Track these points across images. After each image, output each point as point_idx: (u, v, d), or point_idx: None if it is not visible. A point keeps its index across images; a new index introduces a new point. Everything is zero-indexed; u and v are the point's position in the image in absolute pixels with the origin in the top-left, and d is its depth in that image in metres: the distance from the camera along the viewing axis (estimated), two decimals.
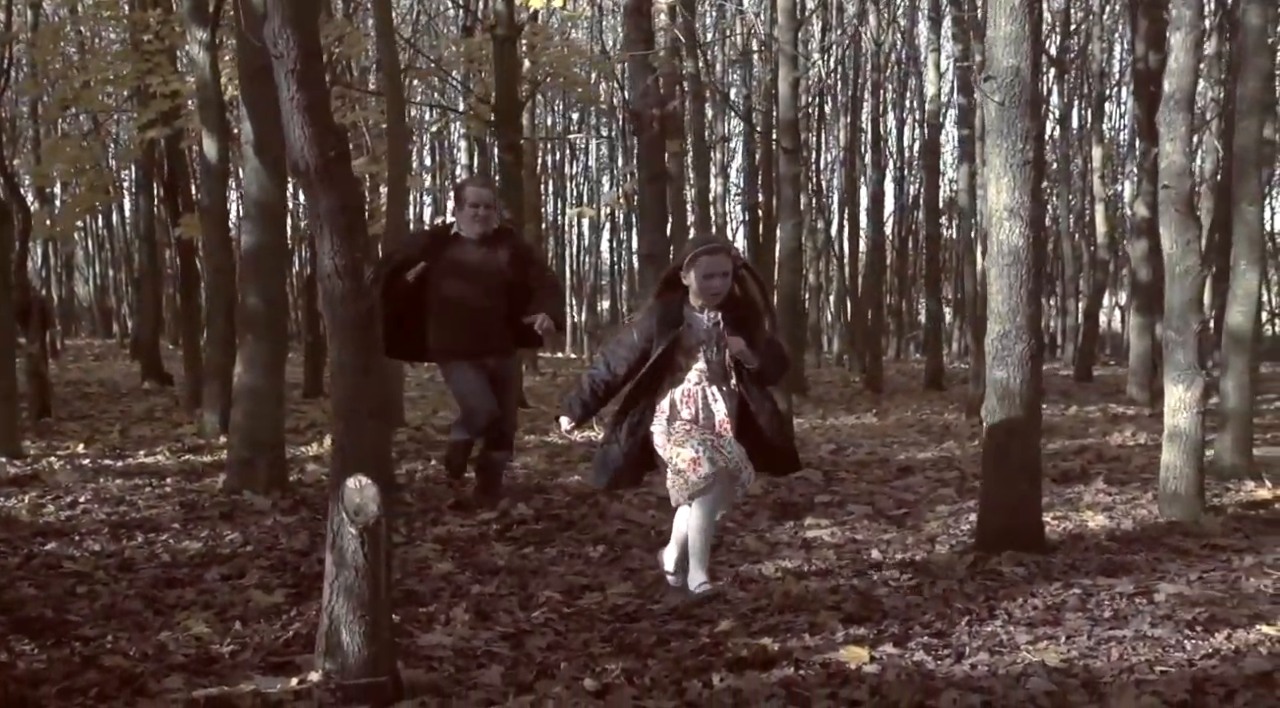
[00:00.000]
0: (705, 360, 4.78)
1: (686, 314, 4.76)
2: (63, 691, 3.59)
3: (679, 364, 4.78)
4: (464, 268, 6.40)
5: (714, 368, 4.80)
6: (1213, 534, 6.26)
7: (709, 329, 4.77)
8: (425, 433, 10.75)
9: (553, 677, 3.87)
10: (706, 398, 4.80)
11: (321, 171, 3.51)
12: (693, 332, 4.75)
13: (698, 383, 4.80)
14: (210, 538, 5.93)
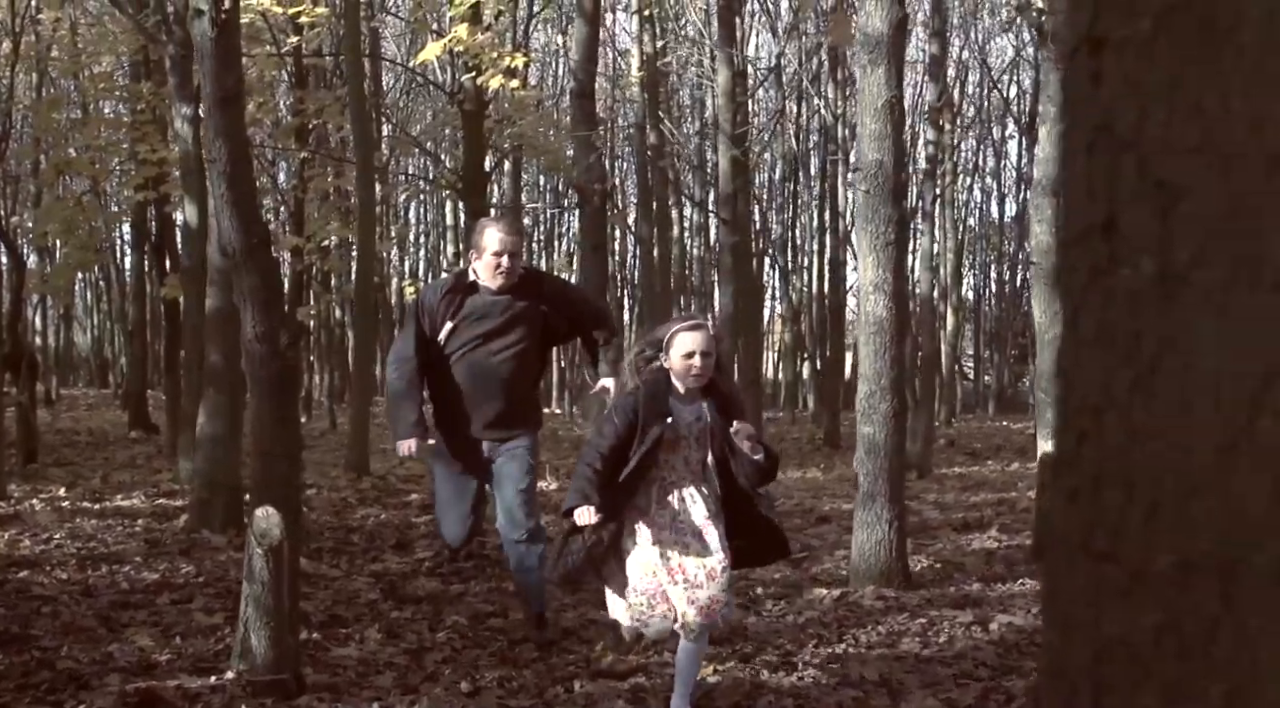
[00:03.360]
0: (685, 459, 4.23)
1: (672, 404, 4.20)
2: (19, 687, 4.29)
3: (658, 461, 4.20)
4: (480, 327, 5.25)
5: (694, 467, 4.25)
6: None
7: (691, 424, 4.23)
8: (388, 482, 11.50)
9: (436, 681, 4.57)
10: (685, 499, 4.22)
11: (245, 255, 4.29)
12: (675, 426, 4.19)
13: (675, 485, 4.23)
14: (167, 570, 6.64)
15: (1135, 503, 0.77)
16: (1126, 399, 0.77)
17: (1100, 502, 0.79)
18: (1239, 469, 0.72)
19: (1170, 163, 0.74)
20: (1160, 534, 0.75)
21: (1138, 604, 0.76)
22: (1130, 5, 0.75)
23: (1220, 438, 0.72)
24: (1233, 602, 0.72)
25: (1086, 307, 0.81)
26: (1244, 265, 0.71)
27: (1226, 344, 0.72)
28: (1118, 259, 0.77)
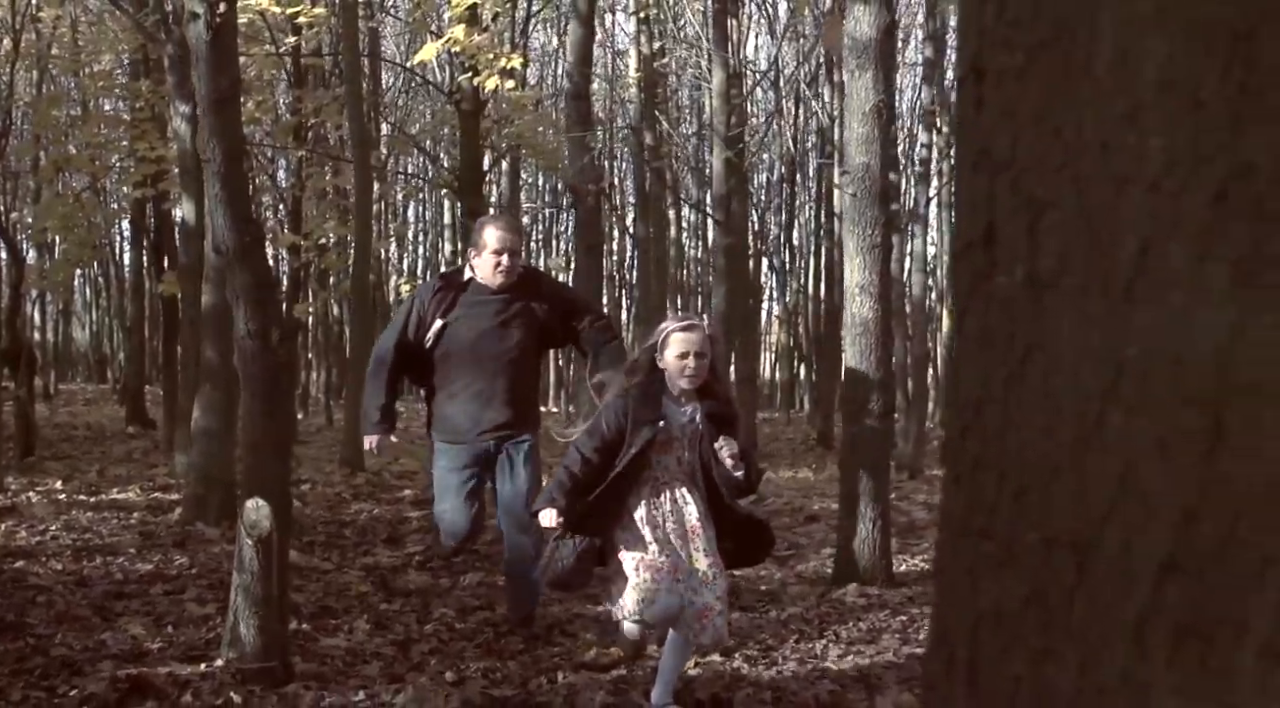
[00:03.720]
0: (678, 461, 4.21)
1: (665, 405, 4.17)
2: (13, 672, 4.38)
3: (650, 462, 4.17)
4: (478, 326, 5.19)
5: (686, 469, 4.22)
6: None
7: (683, 426, 4.19)
8: (382, 477, 11.60)
9: (422, 671, 4.66)
10: (678, 503, 4.21)
11: (238, 254, 4.37)
12: (667, 427, 4.16)
13: (667, 486, 4.21)
14: (161, 561, 6.73)
15: (1006, 487, 0.85)
16: (1001, 394, 0.86)
17: (978, 485, 0.88)
18: (1092, 456, 0.81)
19: (1037, 181, 0.83)
20: (1027, 514, 0.84)
21: (1008, 578, 0.85)
22: (1006, 40, 0.84)
23: (1077, 429, 0.81)
24: (1086, 574, 0.81)
25: (970, 310, 0.89)
26: (1097, 274, 0.80)
27: (1083, 344, 0.81)
28: (995, 267, 0.86)
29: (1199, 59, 0.75)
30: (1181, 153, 0.76)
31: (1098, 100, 0.79)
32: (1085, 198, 0.80)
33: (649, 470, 4.19)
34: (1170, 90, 0.76)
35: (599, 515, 4.20)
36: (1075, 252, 0.81)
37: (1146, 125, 0.77)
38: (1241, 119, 0.74)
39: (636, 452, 4.11)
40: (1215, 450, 0.76)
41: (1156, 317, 0.77)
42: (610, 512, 4.20)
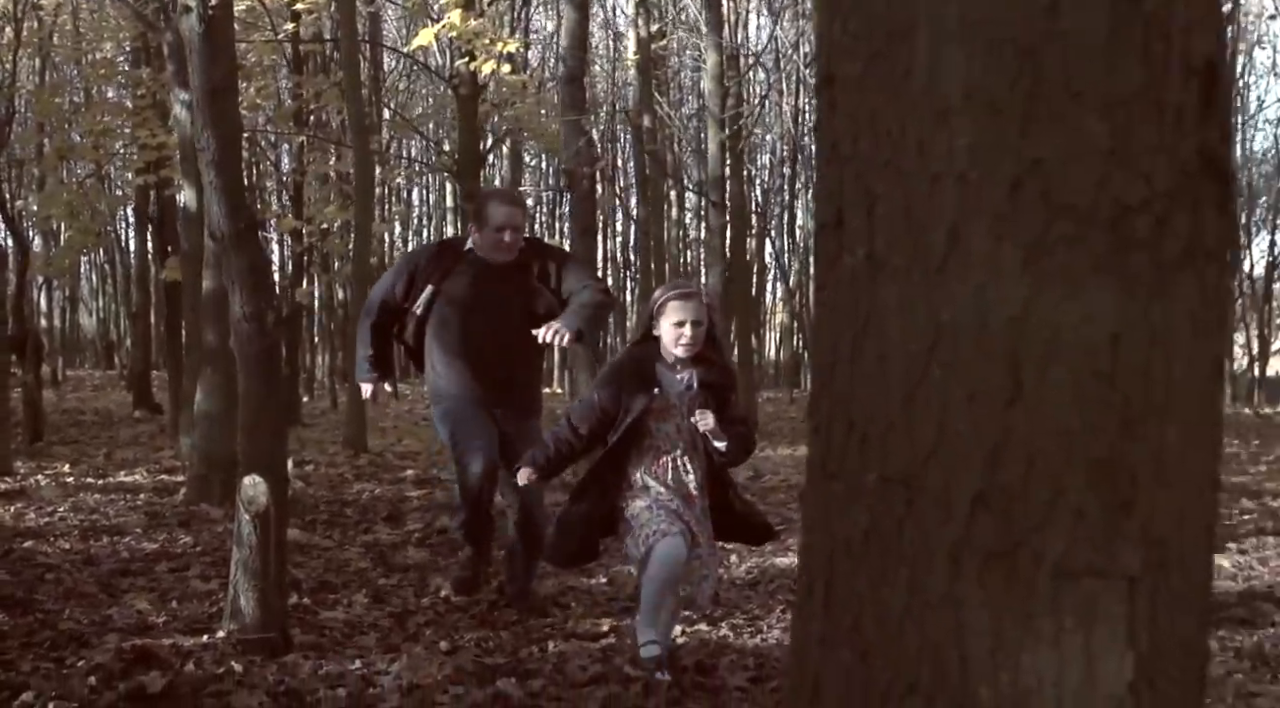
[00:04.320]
0: (677, 427, 4.17)
1: (660, 373, 4.13)
2: (23, 645, 4.55)
3: (649, 430, 4.14)
4: (477, 300, 5.09)
5: (685, 436, 4.19)
6: None
7: (681, 393, 4.15)
8: (385, 458, 11.77)
9: (417, 641, 4.82)
10: (679, 469, 4.20)
11: (234, 239, 4.51)
12: (664, 394, 4.12)
13: (669, 453, 4.19)
14: (166, 541, 6.90)
15: (852, 435, 1.00)
16: (848, 356, 1.00)
17: (830, 435, 1.02)
18: (917, 408, 0.95)
19: (873, 174, 0.97)
20: (867, 458, 0.98)
21: (853, 513, 1.00)
22: (848, 51, 0.98)
23: (905, 385, 0.95)
24: (914, 508, 0.95)
25: (825, 285, 1.04)
26: (918, 254, 0.94)
27: (908, 313, 0.95)
28: (843, 248, 1.00)
29: (994, 71, 0.89)
30: (982, 151, 0.90)
31: (916, 105, 0.93)
32: (908, 189, 0.94)
33: (649, 438, 4.17)
34: (971, 97, 0.90)
35: (600, 486, 4.20)
36: (901, 235, 0.95)
37: (953, 127, 0.91)
38: (1030, 122, 0.88)
39: (633, 419, 4.09)
40: (1014, 403, 0.91)
41: (964, 290, 0.91)
42: (610, 482, 4.20)
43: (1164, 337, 0.91)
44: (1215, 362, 0.96)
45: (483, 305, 5.07)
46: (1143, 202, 0.89)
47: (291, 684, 4.17)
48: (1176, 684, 0.95)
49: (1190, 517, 0.95)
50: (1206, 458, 0.96)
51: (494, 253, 5.08)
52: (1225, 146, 0.95)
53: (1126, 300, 0.90)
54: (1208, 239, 0.94)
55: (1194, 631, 0.97)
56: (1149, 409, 0.91)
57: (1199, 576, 0.99)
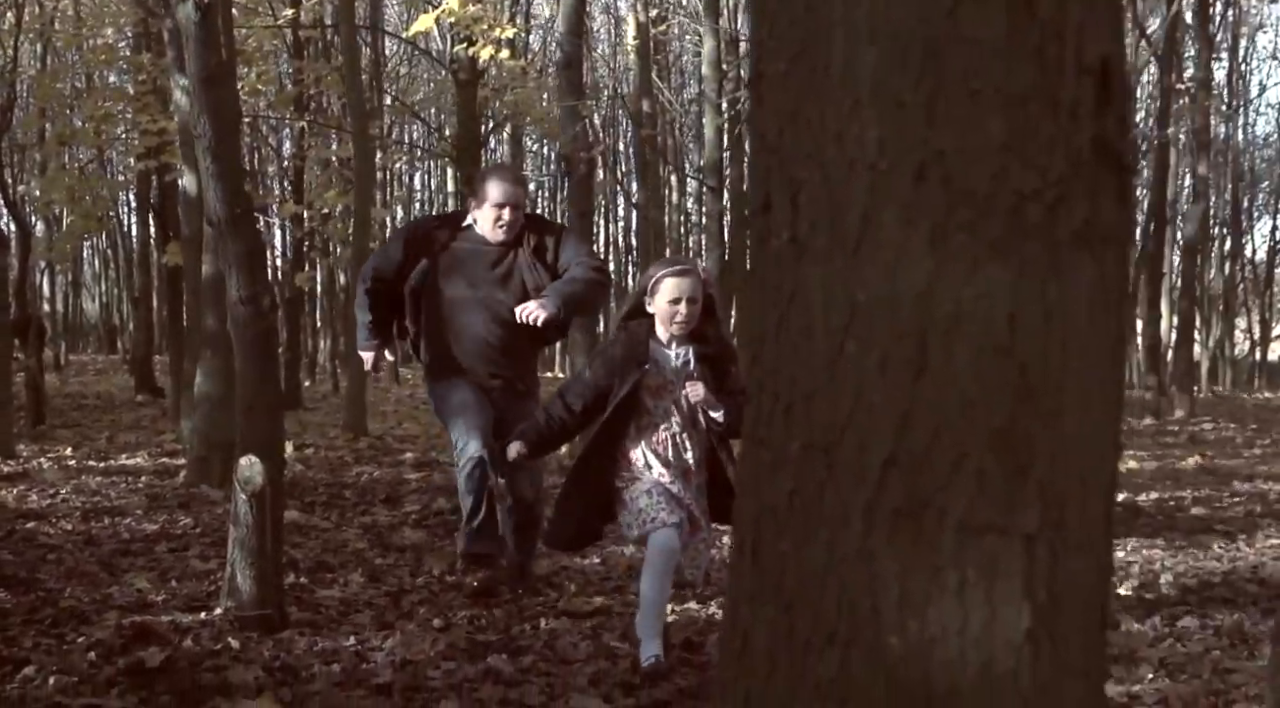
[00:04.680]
0: (674, 404, 4.10)
1: (653, 349, 4.05)
2: (24, 621, 4.65)
3: (646, 407, 4.06)
4: (473, 277, 4.97)
5: (684, 412, 4.12)
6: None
7: (678, 368, 4.09)
8: (384, 442, 11.87)
9: (411, 619, 4.92)
10: (678, 446, 4.14)
11: (230, 224, 4.59)
12: (659, 370, 4.05)
13: (667, 429, 4.12)
14: (166, 522, 7.00)
15: (779, 405, 1.08)
16: (775, 331, 1.08)
17: (760, 405, 1.11)
18: (836, 379, 1.03)
19: (796, 163, 1.05)
20: (792, 426, 1.07)
21: (779, 477, 1.08)
22: (774, 51, 1.06)
23: (825, 357, 1.03)
24: (832, 471, 1.03)
25: (756, 265, 1.12)
26: (836, 236, 1.02)
27: (828, 291, 1.03)
28: (770, 231, 1.08)
29: (900, 70, 0.97)
30: (890, 142, 0.98)
31: (832, 100, 1.01)
32: (826, 177, 1.02)
33: (647, 416, 4.08)
34: (880, 94, 0.98)
35: (597, 463, 4.11)
36: (821, 219, 1.03)
37: (864, 120, 0.99)
38: (933, 117, 0.96)
39: (625, 394, 4.01)
40: (921, 375, 0.99)
41: (876, 271, 0.99)
42: (606, 459, 4.10)
43: (1060, 314, 0.99)
44: (1114, 337, 1.04)
45: (478, 282, 4.96)
46: (1036, 190, 0.97)
47: (287, 660, 4.27)
48: (1074, 631, 1.03)
49: (1088, 479, 1.03)
50: (1105, 425, 1.04)
51: (492, 230, 4.97)
52: (1123, 139, 1.03)
53: (1022, 281, 0.98)
54: (1105, 225, 1.02)
55: (1092, 582, 1.05)
56: (1046, 381, 0.99)
57: (1098, 532, 1.07)
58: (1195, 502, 8.56)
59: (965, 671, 0.99)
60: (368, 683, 4.06)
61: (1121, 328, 1.06)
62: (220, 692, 3.87)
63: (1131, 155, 1.05)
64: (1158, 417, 18.26)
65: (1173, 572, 6.15)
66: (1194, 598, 5.58)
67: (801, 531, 1.05)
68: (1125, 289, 1.07)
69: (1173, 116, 18.45)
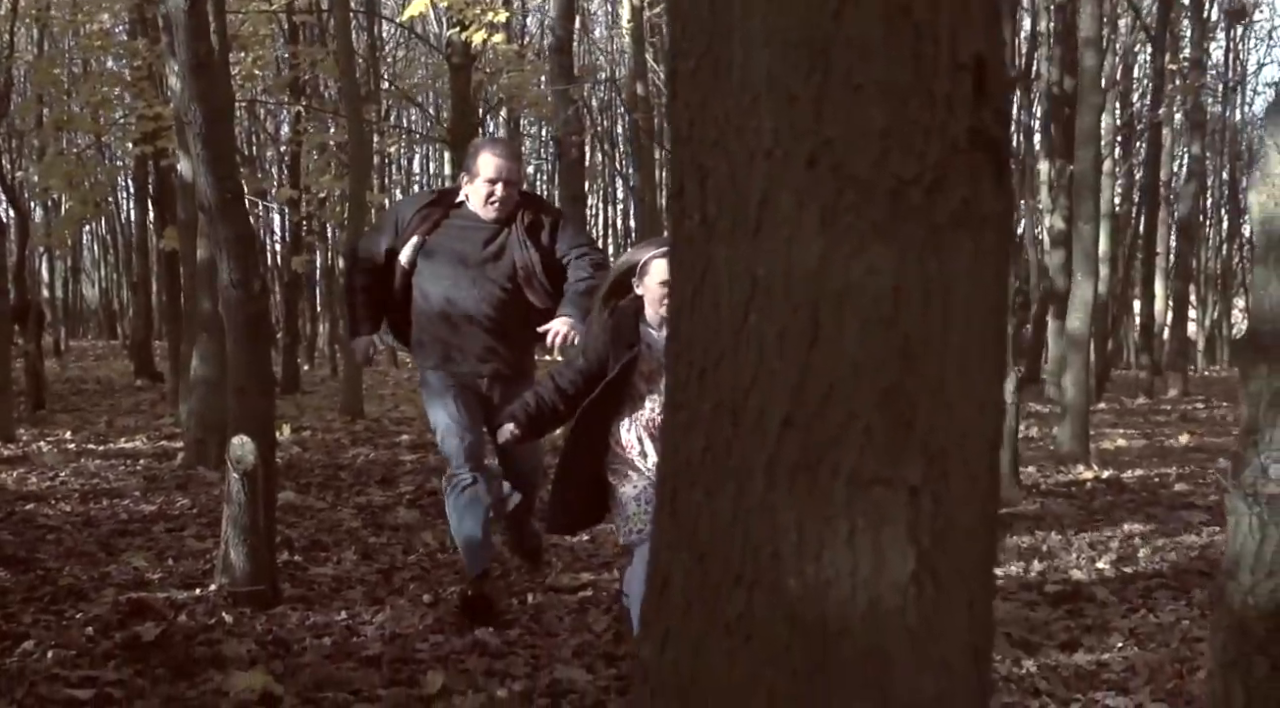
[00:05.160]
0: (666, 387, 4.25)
1: (643, 332, 3.92)
2: (24, 599, 4.78)
3: (638, 392, 3.93)
4: (465, 256, 4.71)
5: None
6: (1014, 504, 7.42)
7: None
8: (381, 424, 11.99)
9: (402, 594, 5.04)
10: None
11: (220, 209, 4.70)
12: (652, 353, 3.90)
13: (659, 413, 3.71)
14: (164, 503, 7.13)
15: (693, 371, 1.19)
16: (689, 305, 1.19)
17: (678, 371, 1.22)
18: (741, 346, 1.14)
19: (704, 153, 1.15)
20: (704, 390, 1.18)
21: (693, 436, 1.19)
22: (686, 50, 1.16)
23: (732, 327, 1.14)
24: (738, 429, 1.14)
25: (673, 245, 1.23)
26: (740, 217, 1.13)
27: (733, 268, 1.14)
28: (685, 213, 1.19)
29: (791, 67, 1.07)
30: (784, 132, 1.09)
31: (734, 94, 1.11)
32: (730, 164, 1.13)
33: (640, 400, 3.93)
34: (775, 88, 1.09)
35: (585, 444, 3.97)
36: (726, 202, 1.14)
37: (762, 112, 1.09)
38: (821, 109, 1.07)
39: (615, 377, 3.87)
40: (814, 343, 1.10)
41: (774, 249, 1.10)
42: (598, 439, 3.95)
43: (939, 289, 1.10)
44: (994, 309, 1.15)
45: (470, 261, 4.69)
46: (915, 175, 1.08)
47: (279, 634, 4.40)
48: (956, 573, 1.15)
49: (970, 435, 1.14)
50: (985, 386, 1.15)
51: (484, 207, 4.68)
52: (1000, 127, 1.14)
53: (904, 258, 1.09)
54: (983, 207, 1.12)
55: (976, 529, 1.16)
56: (927, 348, 1.10)
57: (982, 484, 1.18)
58: (1179, 478, 8.69)
59: (856, 609, 1.11)
60: (357, 655, 4.19)
61: (1001, 300, 1.17)
62: (214, 664, 4.00)
63: (1008, 143, 1.16)
64: (1151, 396, 18.39)
65: (1151, 546, 6.27)
66: (1170, 571, 5.71)
67: (712, 484, 1.16)
68: (1005, 265, 1.17)
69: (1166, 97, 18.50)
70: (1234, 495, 2.49)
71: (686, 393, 1.20)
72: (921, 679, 1.13)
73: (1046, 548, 6.20)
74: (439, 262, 4.73)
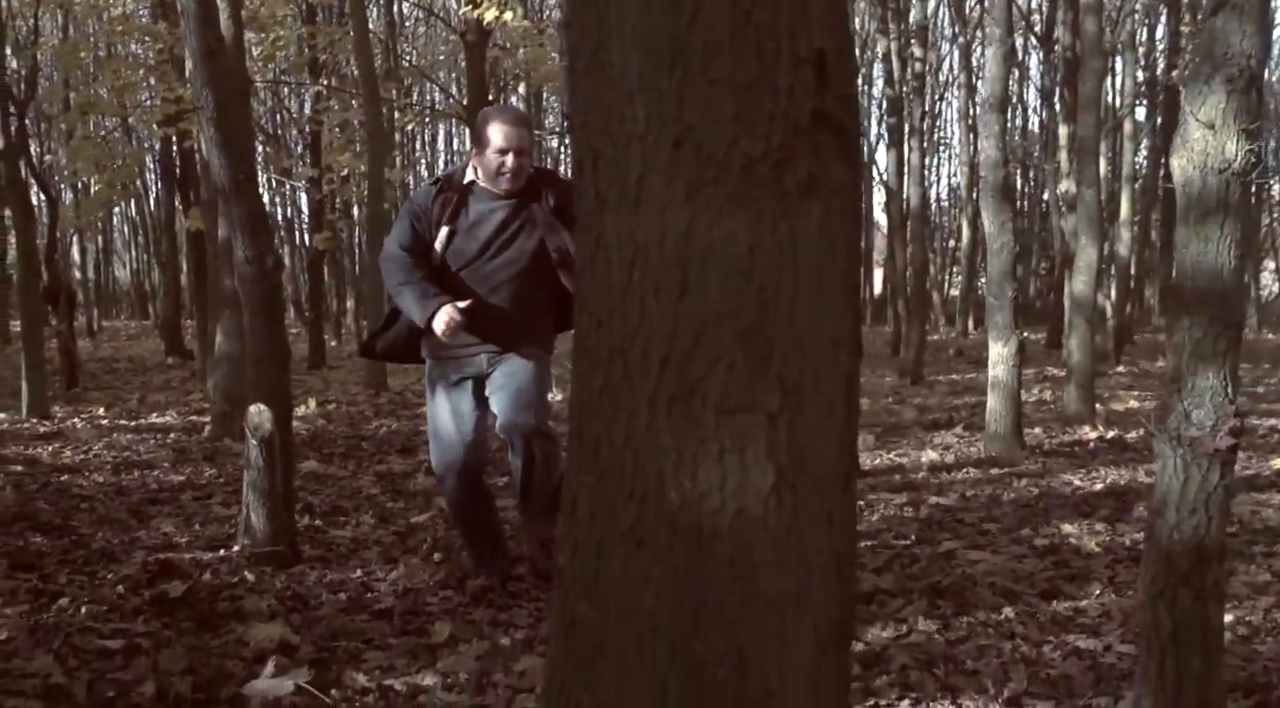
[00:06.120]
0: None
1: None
2: (59, 561, 5.07)
3: None
4: (479, 236, 4.48)
5: None
6: (1016, 464, 7.62)
7: None
8: (404, 397, 12.28)
9: (415, 554, 5.30)
10: None
11: (233, 191, 4.95)
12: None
13: None
14: (192, 473, 7.43)
15: (592, 321, 1.41)
16: (589, 265, 1.41)
17: (581, 322, 1.44)
18: (627, 300, 1.36)
19: (595, 138, 1.37)
20: (601, 338, 1.40)
21: (594, 376, 1.41)
22: (579, 51, 1.38)
23: (620, 285, 1.36)
24: (628, 369, 1.37)
25: (578, 215, 1.45)
26: (624, 192, 1.35)
27: (619, 235, 1.36)
28: (583, 189, 1.41)
29: (657, 66, 1.29)
30: (654, 120, 1.30)
31: (614, 90, 1.33)
32: (615, 148, 1.35)
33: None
34: (645, 84, 1.30)
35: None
36: (613, 179, 1.36)
37: (636, 103, 1.31)
38: (682, 100, 1.29)
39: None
40: (685, 295, 1.32)
41: (651, 218, 1.32)
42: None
43: (790, 247, 1.32)
44: (844, 263, 1.37)
45: (489, 244, 4.46)
46: (763, 153, 1.29)
47: (298, 590, 4.67)
48: (814, 489, 1.37)
49: (823, 370, 1.36)
50: (837, 329, 1.37)
51: (496, 181, 4.42)
52: (845, 110, 1.35)
53: (758, 222, 1.30)
54: (830, 179, 1.34)
55: (833, 451, 1.38)
56: (779, 297, 1.32)
57: (839, 413, 1.40)
58: None
59: (725, 516, 1.33)
60: (371, 609, 4.45)
61: (851, 257, 1.38)
62: (236, 618, 4.27)
63: (856, 123, 1.37)
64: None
65: (1144, 501, 6.45)
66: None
67: (608, 416, 1.39)
68: (855, 227, 1.39)
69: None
70: (1160, 440, 2.69)
71: (587, 340, 1.42)
72: (783, 576, 1.35)
73: (1042, 505, 6.40)
74: (461, 247, 4.49)
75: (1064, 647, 4.03)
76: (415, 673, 3.69)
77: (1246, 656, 3.86)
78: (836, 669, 1.42)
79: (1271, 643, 3.99)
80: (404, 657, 3.86)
